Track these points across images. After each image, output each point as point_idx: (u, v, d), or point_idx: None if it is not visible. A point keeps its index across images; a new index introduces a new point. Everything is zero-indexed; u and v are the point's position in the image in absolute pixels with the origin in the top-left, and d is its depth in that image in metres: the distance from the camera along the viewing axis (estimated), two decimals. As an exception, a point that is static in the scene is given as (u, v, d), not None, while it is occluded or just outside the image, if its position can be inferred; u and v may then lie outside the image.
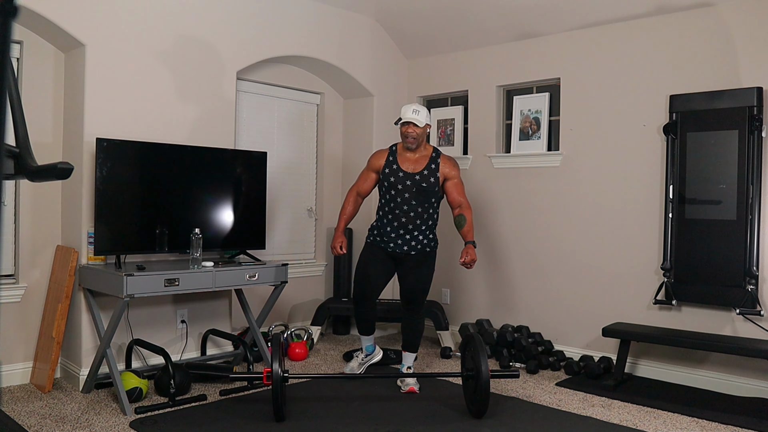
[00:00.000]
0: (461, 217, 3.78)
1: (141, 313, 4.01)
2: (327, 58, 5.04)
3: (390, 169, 3.81)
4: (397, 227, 3.78)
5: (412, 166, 3.78)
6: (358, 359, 4.14)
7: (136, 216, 3.80)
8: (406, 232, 3.78)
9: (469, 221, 3.78)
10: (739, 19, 3.90)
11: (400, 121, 3.76)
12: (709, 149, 3.97)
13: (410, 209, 3.77)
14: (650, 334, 3.96)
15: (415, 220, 3.78)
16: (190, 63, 4.20)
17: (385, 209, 3.85)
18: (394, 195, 3.78)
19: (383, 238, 3.84)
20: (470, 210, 3.84)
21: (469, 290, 5.23)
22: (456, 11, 4.91)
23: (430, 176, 3.77)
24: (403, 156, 3.82)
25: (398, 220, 3.78)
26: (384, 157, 3.87)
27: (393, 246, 3.81)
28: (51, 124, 3.92)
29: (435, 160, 3.80)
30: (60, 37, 3.77)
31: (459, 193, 3.83)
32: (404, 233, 3.78)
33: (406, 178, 3.76)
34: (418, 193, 3.76)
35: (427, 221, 3.83)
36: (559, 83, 4.75)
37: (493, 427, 3.26)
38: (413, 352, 3.99)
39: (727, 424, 3.36)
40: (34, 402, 3.50)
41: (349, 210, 3.96)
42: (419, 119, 3.70)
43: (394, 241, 3.80)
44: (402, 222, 3.77)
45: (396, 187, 3.77)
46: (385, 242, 3.83)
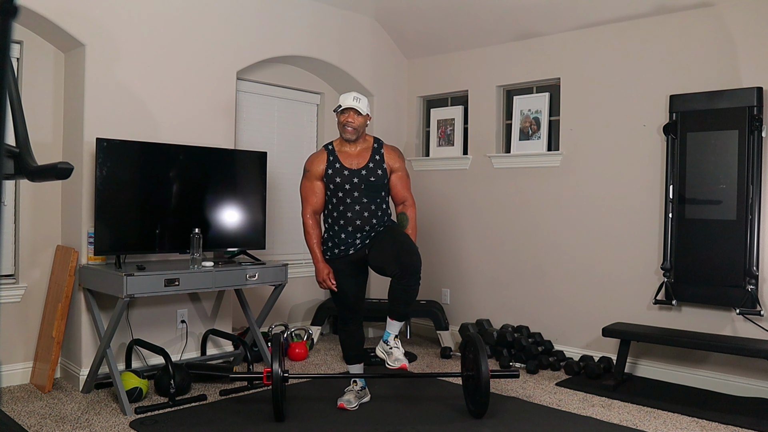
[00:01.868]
0: (403, 216, 3.50)
1: (141, 313, 4.01)
2: (327, 58, 5.04)
3: (333, 169, 3.39)
4: (353, 231, 3.38)
5: (355, 161, 3.41)
6: (353, 391, 3.59)
7: (136, 216, 3.80)
8: (362, 233, 3.40)
9: (412, 221, 3.49)
10: (739, 19, 3.90)
11: (339, 108, 3.37)
12: (709, 149, 3.97)
13: (363, 208, 3.37)
14: (650, 334, 3.96)
15: (371, 219, 3.39)
16: (190, 63, 4.20)
17: (334, 215, 3.42)
18: (342, 197, 3.38)
19: (340, 248, 3.40)
20: (414, 208, 3.53)
21: (469, 290, 5.23)
22: (456, 11, 4.91)
23: (376, 168, 3.41)
24: (343, 152, 3.43)
25: (352, 224, 3.37)
26: (323, 158, 3.44)
27: (353, 249, 3.40)
28: (51, 124, 3.92)
29: (378, 151, 3.45)
30: (60, 37, 3.77)
31: (404, 187, 3.50)
32: (360, 236, 3.40)
33: (352, 176, 3.37)
34: (367, 189, 3.38)
35: (382, 216, 3.44)
36: (559, 83, 4.75)
37: (493, 427, 3.26)
38: (401, 320, 3.37)
39: (727, 424, 3.35)
40: (34, 402, 3.50)
41: (317, 233, 3.46)
42: (361, 107, 3.35)
43: (352, 244, 3.39)
44: (357, 225, 3.38)
45: (343, 187, 3.37)
46: (344, 250, 3.40)
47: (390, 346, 3.34)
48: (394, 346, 3.33)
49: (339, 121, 3.40)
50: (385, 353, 3.35)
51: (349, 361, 3.64)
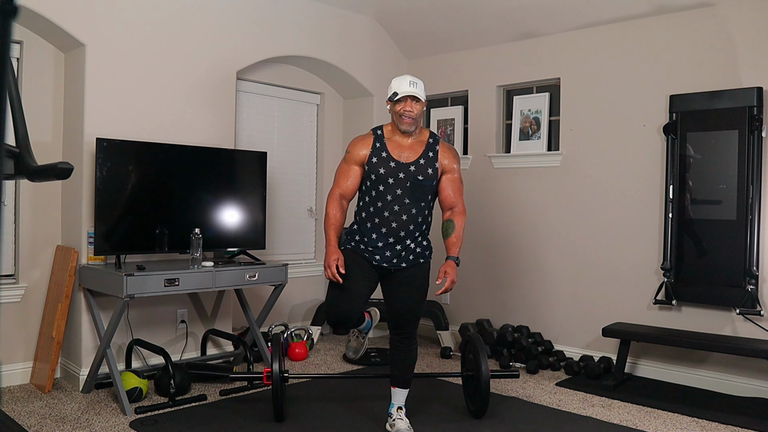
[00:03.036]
0: (450, 223, 3.08)
1: (141, 313, 4.01)
2: (327, 58, 5.04)
3: (378, 157, 2.98)
4: (386, 234, 2.98)
5: (405, 154, 3.00)
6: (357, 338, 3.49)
7: (136, 216, 3.80)
8: (397, 240, 2.99)
9: (458, 229, 3.07)
10: (739, 19, 3.90)
11: (395, 96, 2.94)
12: (709, 149, 3.97)
13: (402, 210, 2.97)
14: (650, 334, 3.96)
15: (408, 225, 2.98)
16: (190, 63, 4.20)
17: (370, 210, 3.02)
18: (383, 191, 2.97)
19: (367, 247, 3.01)
20: (464, 216, 3.12)
21: (469, 290, 5.23)
22: (456, 11, 4.91)
23: (427, 167, 3.00)
24: (393, 141, 3.02)
25: (387, 225, 2.97)
26: (369, 144, 3.03)
27: (380, 258, 2.99)
28: (51, 124, 3.92)
29: (433, 147, 3.04)
30: (60, 37, 3.77)
31: (456, 191, 3.09)
32: (394, 242, 2.99)
33: (398, 170, 2.97)
34: (412, 188, 2.98)
35: (422, 225, 3.05)
36: (559, 83, 4.75)
37: (493, 427, 3.26)
38: (405, 388, 3.20)
39: (727, 424, 3.36)
40: (34, 402, 3.50)
41: (338, 217, 3.03)
42: (419, 93, 2.94)
43: (381, 252, 2.99)
44: (392, 227, 2.97)
45: (386, 180, 2.97)
46: (370, 252, 3.00)
47: (393, 418, 3.15)
48: (397, 418, 3.13)
49: (394, 111, 2.97)
50: (390, 426, 3.16)
51: None
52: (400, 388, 3.19)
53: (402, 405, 3.18)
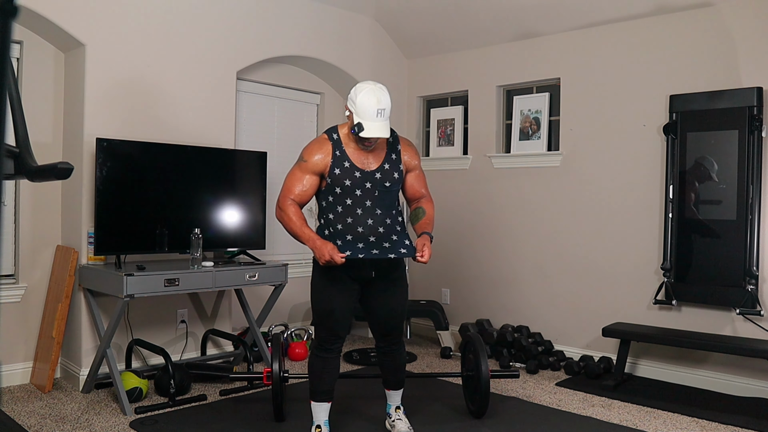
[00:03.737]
0: (420, 209, 3.00)
1: (141, 313, 4.01)
2: (327, 58, 5.04)
3: (341, 168, 2.77)
4: (363, 249, 2.80)
5: (368, 161, 2.81)
6: None
7: (136, 216, 3.80)
8: (371, 247, 2.82)
9: (429, 213, 2.98)
10: (739, 19, 3.90)
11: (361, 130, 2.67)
12: (709, 149, 3.97)
13: (376, 222, 2.80)
14: (650, 334, 3.96)
15: (380, 228, 2.82)
16: (190, 63, 4.20)
17: (338, 227, 2.80)
18: (352, 205, 2.78)
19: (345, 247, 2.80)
20: (432, 203, 3.05)
21: (469, 290, 5.23)
22: (456, 11, 4.91)
23: (393, 171, 2.84)
24: (353, 148, 2.80)
25: (364, 240, 2.78)
26: (328, 151, 2.78)
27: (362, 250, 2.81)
28: (51, 124, 3.92)
29: (394, 147, 2.88)
30: (60, 37, 3.77)
31: (421, 184, 3.01)
32: (369, 249, 2.82)
33: (364, 179, 2.78)
34: (381, 197, 2.81)
35: (396, 228, 2.89)
36: (559, 83, 4.75)
37: (493, 427, 3.26)
38: (400, 388, 3.16)
39: (727, 424, 3.35)
40: (34, 402, 3.50)
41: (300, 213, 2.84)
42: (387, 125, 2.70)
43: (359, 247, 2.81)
44: (370, 242, 2.80)
45: (353, 193, 2.77)
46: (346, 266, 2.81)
47: (393, 418, 3.14)
48: (397, 419, 3.12)
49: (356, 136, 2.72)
50: (390, 427, 3.15)
51: (319, 397, 2.98)
52: (395, 390, 3.16)
53: (399, 404, 3.17)
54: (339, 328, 2.92)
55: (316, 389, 2.98)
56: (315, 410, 3.02)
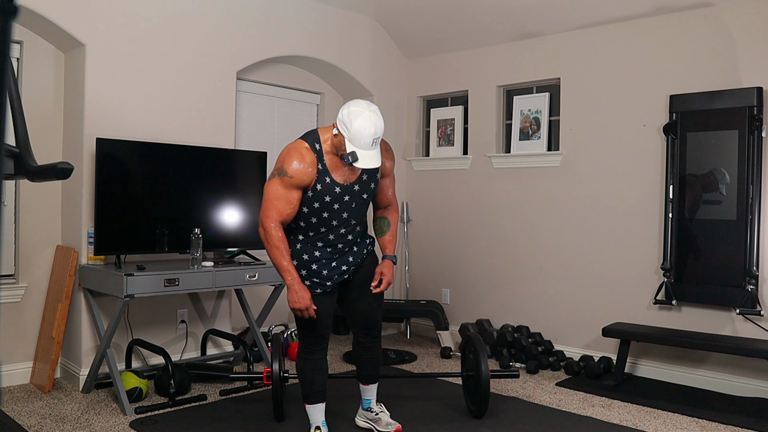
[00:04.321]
0: (384, 221, 2.99)
1: (141, 313, 4.01)
2: (327, 58, 5.04)
3: (323, 184, 2.70)
4: (331, 253, 2.82)
5: (346, 174, 2.75)
6: None
7: (136, 216, 3.80)
8: (342, 254, 2.85)
9: (393, 227, 2.99)
10: (739, 19, 3.90)
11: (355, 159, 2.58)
12: (709, 149, 3.97)
13: (347, 230, 2.83)
14: (650, 334, 3.96)
15: (356, 239, 2.90)
16: (190, 63, 4.20)
17: (309, 234, 2.79)
18: (328, 218, 2.76)
19: (315, 277, 2.80)
20: (397, 213, 3.04)
21: (469, 290, 5.23)
22: (456, 11, 4.91)
23: (370, 182, 2.82)
24: (333, 159, 2.72)
25: (332, 245, 2.82)
26: (312, 163, 2.68)
27: (334, 279, 2.84)
28: (51, 124, 3.91)
29: None
30: (60, 37, 3.77)
31: (391, 190, 3.00)
32: (340, 256, 2.85)
33: (343, 194, 2.74)
34: (357, 207, 2.82)
35: (362, 231, 2.95)
36: (559, 83, 4.75)
37: (493, 427, 3.26)
38: (376, 383, 3.18)
39: (727, 424, 3.35)
40: (34, 402, 3.50)
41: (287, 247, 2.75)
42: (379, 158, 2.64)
43: (330, 272, 2.82)
44: (337, 247, 2.83)
45: (331, 207, 2.74)
46: (320, 280, 2.81)
47: (375, 412, 3.14)
48: (380, 411, 3.14)
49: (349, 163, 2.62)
50: (372, 421, 3.12)
51: (313, 399, 2.99)
52: (372, 384, 3.17)
53: (377, 398, 3.19)
54: (324, 330, 2.92)
55: (309, 392, 2.98)
56: (311, 412, 3.02)
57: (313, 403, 3.00)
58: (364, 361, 3.11)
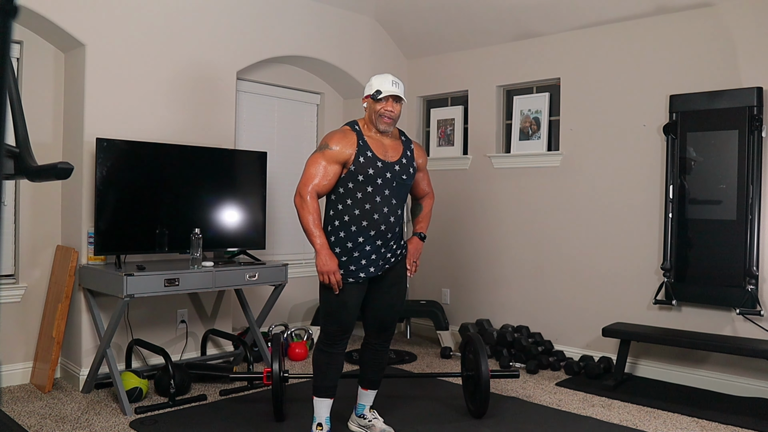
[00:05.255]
0: (419, 206, 3.20)
1: (141, 313, 4.01)
2: (327, 58, 5.04)
3: (365, 157, 2.83)
4: (374, 236, 2.85)
5: (389, 153, 2.91)
6: None
7: (136, 216, 3.80)
8: (384, 243, 2.89)
9: (425, 209, 3.18)
10: (739, 19, 3.90)
11: (379, 94, 2.83)
12: (709, 149, 3.97)
13: (390, 212, 2.88)
14: (650, 334, 3.96)
15: (395, 227, 2.92)
16: (190, 63, 4.20)
17: (355, 212, 2.83)
18: (372, 193, 2.83)
19: (353, 264, 2.84)
20: (432, 200, 3.23)
21: (469, 290, 5.23)
22: (456, 11, 4.91)
23: (408, 166, 2.96)
24: (373, 140, 2.89)
25: (376, 227, 2.84)
26: (353, 142, 2.84)
27: (372, 269, 2.88)
28: (51, 124, 3.92)
29: (408, 146, 3.02)
30: (60, 37, 3.77)
31: (427, 184, 3.19)
32: (381, 244, 2.88)
33: (385, 170, 2.86)
34: (398, 188, 2.91)
35: (401, 223, 3.03)
36: (559, 83, 4.75)
37: (493, 427, 3.26)
38: (377, 388, 3.20)
39: (727, 424, 3.35)
40: (34, 402, 3.50)
41: (319, 212, 2.87)
42: (402, 94, 2.88)
43: (371, 262, 2.86)
44: (381, 230, 2.85)
45: (375, 181, 2.83)
46: (357, 269, 2.85)
47: (368, 419, 3.13)
48: (374, 418, 3.13)
49: (374, 109, 2.86)
50: (366, 428, 3.12)
51: (322, 392, 2.99)
52: (371, 390, 3.17)
53: (372, 405, 3.20)
54: (349, 322, 2.92)
55: (320, 385, 2.99)
56: (317, 406, 3.02)
57: (321, 397, 3.00)
58: (368, 363, 3.13)
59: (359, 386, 3.19)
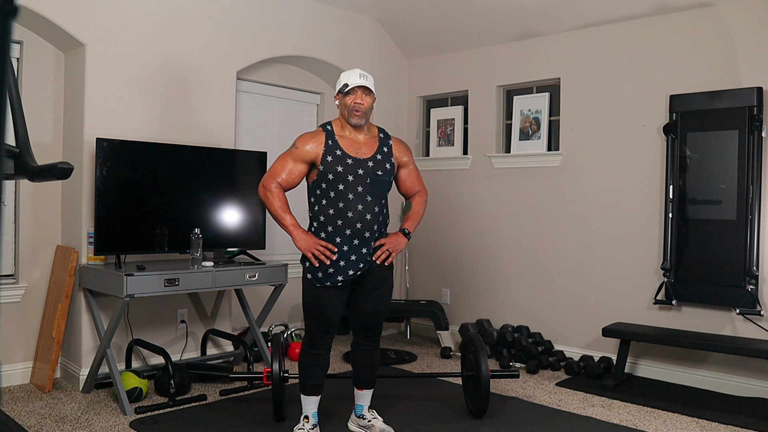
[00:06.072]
0: (408, 204, 3.16)
1: (141, 313, 4.01)
2: (327, 58, 5.04)
3: (333, 156, 2.83)
4: (350, 236, 2.83)
5: (361, 150, 2.89)
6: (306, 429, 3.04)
7: (136, 216, 3.80)
8: (362, 242, 2.86)
9: (415, 206, 3.12)
10: (739, 19, 3.90)
11: (346, 88, 2.85)
12: (709, 149, 3.97)
13: (365, 209, 2.85)
14: (650, 334, 3.96)
15: (372, 225, 2.87)
16: (190, 63, 4.20)
17: (329, 212, 2.84)
18: (343, 191, 2.82)
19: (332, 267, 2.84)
20: (425, 196, 3.16)
21: (469, 290, 5.23)
22: (456, 11, 4.91)
23: (384, 162, 2.92)
24: (346, 138, 2.90)
25: (351, 226, 2.83)
26: (321, 141, 2.86)
27: (351, 272, 2.87)
28: (51, 124, 3.92)
29: (386, 142, 2.98)
30: (60, 37, 3.77)
31: (416, 180, 3.13)
32: (359, 244, 2.86)
33: (357, 166, 2.84)
34: (373, 185, 2.87)
35: (383, 224, 2.97)
36: (559, 83, 4.75)
37: (493, 427, 3.26)
38: (373, 387, 3.18)
39: (727, 424, 3.35)
40: (34, 402, 3.50)
41: (283, 196, 2.91)
42: (371, 85, 2.88)
43: (350, 264, 2.85)
44: (357, 228, 2.83)
45: (345, 178, 2.82)
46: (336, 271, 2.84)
47: (368, 419, 3.13)
48: (373, 418, 3.13)
49: (344, 104, 2.88)
50: (365, 428, 3.12)
51: (308, 391, 3.04)
52: (367, 390, 3.18)
53: (370, 404, 3.20)
54: (330, 324, 2.95)
55: (306, 383, 3.06)
56: (304, 402, 3.08)
57: (308, 394, 3.06)
58: (360, 364, 3.14)
59: (354, 387, 3.19)
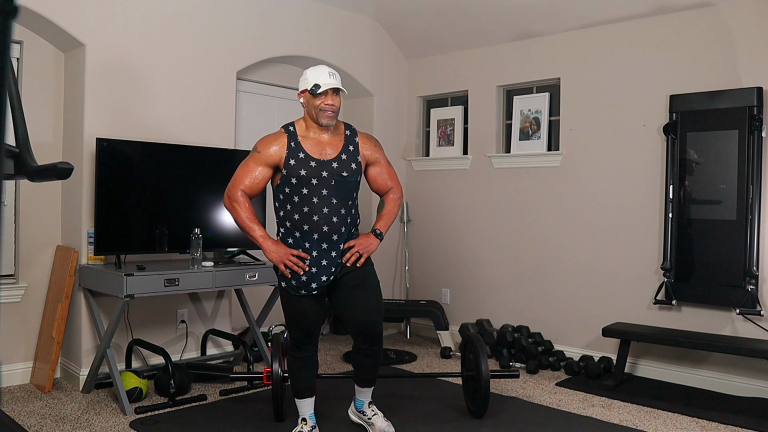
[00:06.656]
0: (381, 202, 3.05)
1: (141, 313, 4.01)
2: (327, 58, 5.04)
3: (296, 159, 2.76)
4: (318, 240, 2.78)
5: (325, 151, 2.81)
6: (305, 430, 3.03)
7: (136, 216, 3.80)
8: (330, 245, 2.80)
9: (387, 206, 3.01)
10: (739, 19, 3.90)
11: (318, 89, 2.72)
12: (709, 149, 3.97)
13: (331, 212, 2.78)
14: (650, 334, 3.96)
15: (340, 227, 2.81)
16: (190, 63, 4.20)
17: (295, 218, 2.79)
18: (307, 195, 2.77)
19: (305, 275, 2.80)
20: (398, 193, 3.04)
21: (469, 290, 5.23)
22: (456, 11, 4.91)
23: (350, 162, 2.84)
24: (309, 139, 2.82)
25: (318, 230, 2.77)
26: (283, 143, 2.79)
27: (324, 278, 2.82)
28: (51, 124, 3.92)
29: (352, 139, 2.89)
30: (60, 37, 3.77)
31: (389, 177, 3.01)
32: (328, 247, 2.80)
33: (320, 168, 2.77)
34: (338, 186, 2.79)
35: (351, 226, 2.89)
36: (559, 83, 4.75)
37: (493, 427, 3.26)
38: (373, 385, 3.16)
39: (727, 424, 3.35)
40: (34, 402, 3.50)
41: (249, 205, 2.85)
42: (340, 84, 2.80)
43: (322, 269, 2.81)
44: (324, 231, 2.77)
45: (309, 182, 2.75)
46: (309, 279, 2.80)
47: (368, 415, 3.13)
48: (373, 414, 3.12)
49: (313, 105, 2.77)
50: (366, 424, 3.13)
51: (301, 394, 3.04)
52: (367, 387, 3.16)
53: (371, 400, 3.18)
54: (313, 328, 2.96)
55: (298, 387, 3.05)
56: (300, 405, 3.08)
57: (301, 397, 3.06)
58: (362, 365, 3.09)
59: (355, 384, 3.18)
